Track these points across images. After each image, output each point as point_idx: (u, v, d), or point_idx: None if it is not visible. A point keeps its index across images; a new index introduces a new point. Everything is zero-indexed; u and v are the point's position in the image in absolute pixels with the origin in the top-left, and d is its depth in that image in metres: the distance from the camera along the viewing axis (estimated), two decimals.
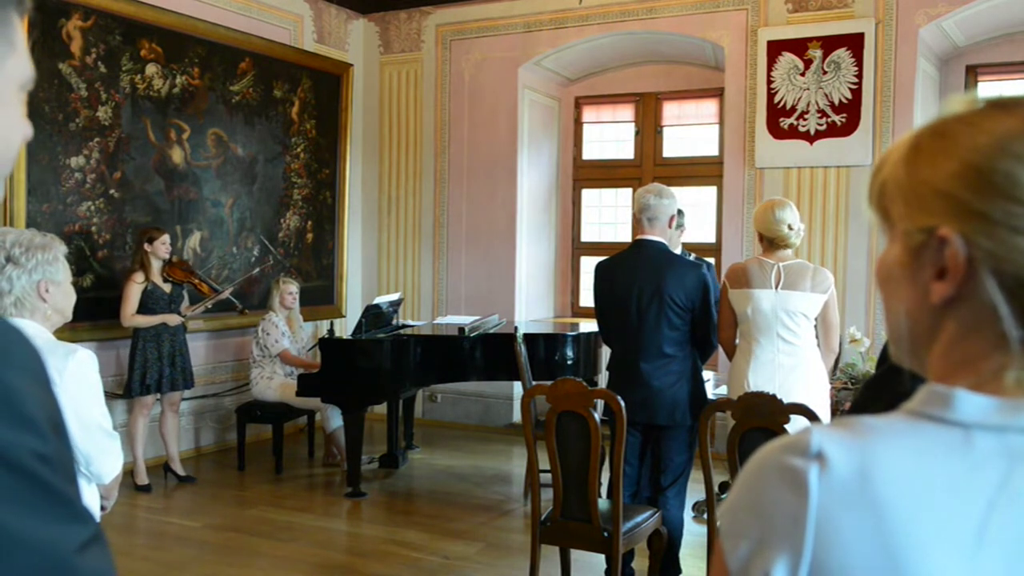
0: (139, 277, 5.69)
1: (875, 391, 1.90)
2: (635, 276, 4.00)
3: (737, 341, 4.08)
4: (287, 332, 6.44)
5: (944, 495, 0.69)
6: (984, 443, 0.70)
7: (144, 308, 5.70)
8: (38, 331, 2.21)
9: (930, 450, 0.71)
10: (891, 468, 0.70)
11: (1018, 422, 0.69)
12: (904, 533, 0.68)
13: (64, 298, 2.28)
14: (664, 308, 3.94)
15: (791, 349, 3.85)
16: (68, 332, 5.46)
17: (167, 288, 5.82)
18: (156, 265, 5.77)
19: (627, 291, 4.01)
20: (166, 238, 5.82)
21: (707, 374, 5.13)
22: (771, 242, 3.91)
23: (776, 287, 3.85)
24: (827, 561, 0.69)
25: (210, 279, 6.34)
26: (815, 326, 3.92)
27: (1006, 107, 0.74)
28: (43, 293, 2.21)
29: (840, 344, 5.41)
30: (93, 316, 5.85)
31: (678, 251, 4.70)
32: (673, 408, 3.95)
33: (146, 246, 5.73)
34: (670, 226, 4.08)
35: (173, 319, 5.80)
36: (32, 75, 0.84)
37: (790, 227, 3.88)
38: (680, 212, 4.34)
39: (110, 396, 5.89)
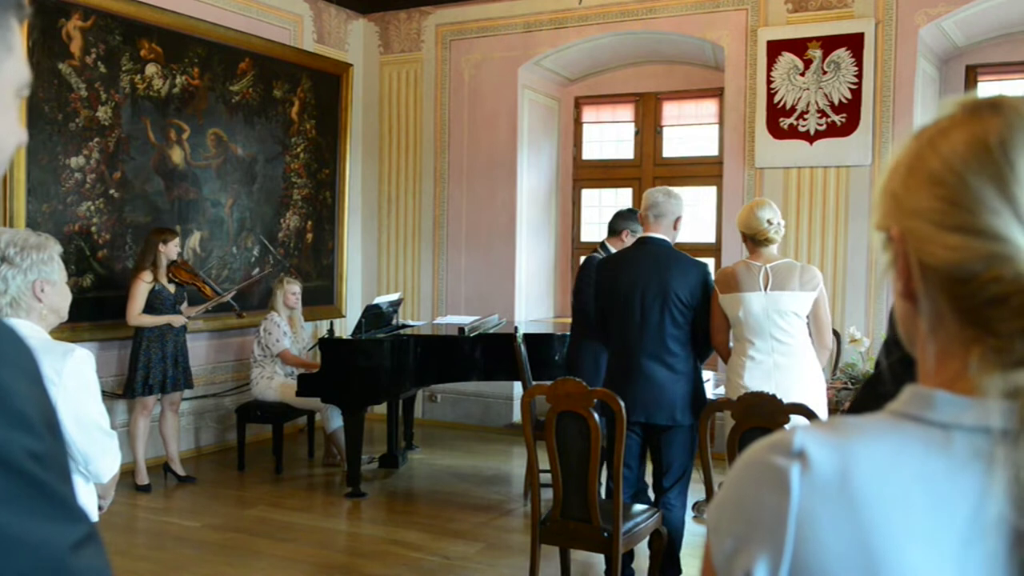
0: (147, 276, 5.71)
1: (872, 389, 1.90)
2: (639, 273, 4.01)
3: (731, 344, 4.09)
4: (288, 332, 6.45)
5: (923, 495, 0.70)
6: (962, 443, 0.70)
7: (149, 308, 5.72)
8: (34, 331, 2.21)
9: (910, 450, 0.72)
10: (870, 467, 0.71)
11: (988, 423, 0.70)
12: (882, 532, 0.69)
13: (60, 298, 2.28)
14: (668, 305, 3.94)
15: (785, 349, 3.85)
16: (69, 332, 5.48)
17: (171, 289, 5.84)
18: (164, 265, 5.80)
19: (631, 288, 4.02)
20: (177, 240, 5.90)
21: (707, 374, 5.13)
22: (753, 240, 3.95)
23: (765, 288, 3.86)
24: (807, 559, 0.70)
25: (212, 281, 6.34)
26: (808, 324, 3.92)
27: (966, 113, 0.75)
28: (38, 293, 2.21)
29: (839, 343, 5.42)
30: (95, 316, 5.87)
31: None
32: (673, 407, 3.95)
33: (161, 247, 5.76)
34: (675, 227, 4.09)
35: (178, 319, 5.82)
36: (28, 80, 0.84)
37: (769, 222, 3.91)
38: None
39: (111, 396, 5.91)
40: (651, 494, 4.25)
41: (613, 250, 4.89)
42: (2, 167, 0.83)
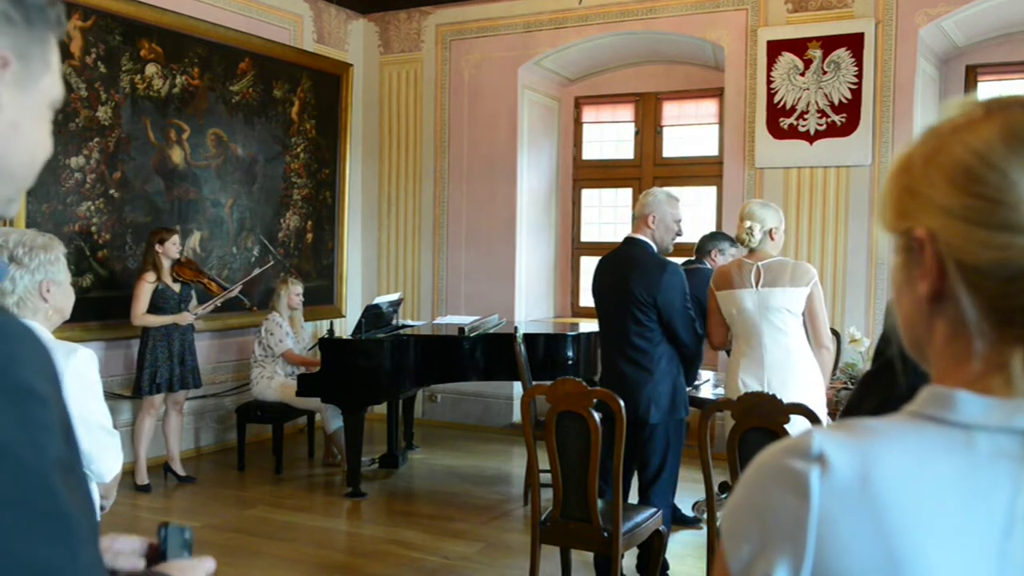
0: (150, 277, 5.72)
1: (869, 386, 1.90)
2: (612, 272, 4.13)
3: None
4: (290, 332, 6.45)
5: (947, 497, 0.69)
6: (985, 444, 0.70)
7: (154, 308, 5.73)
8: (39, 331, 2.22)
9: (931, 451, 0.71)
10: (892, 470, 0.70)
11: (1016, 424, 0.69)
12: (905, 535, 0.68)
13: (64, 298, 2.29)
14: (629, 303, 4.00)
15: (779, 347, 3.86)
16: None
17: (176, 288, 5.84)
18: (166, 265, 5.80)
19: (605, 287, 4.16)
20: (176, 238, 5.88)
21: (707, 374, 5.14)
22: (739, 240, 4.00)
23: (757, 286, 3.87)
24: (828, 564, 0.69)
25: (218, 278, 6.34)
26: (804, 324, 3.93)
27: (991, 110, 0.74)
28: (44, 293, 2.22)
29: (839, 343, 5.42)
30: (103, 315, 5.90)
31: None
32: (637, 403, 3.94)
33: (157, 247, 5.76)
34: (648, 225, 4.09)
35: (184, 318, 5.83)
36: (62, 96, 0.88)
37: (741, 220, 3.96)
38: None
39: (119, 396, 5.93)
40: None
41: (708, 265, 5.21)
42: (31, 179, 0.87)
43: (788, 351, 3.86)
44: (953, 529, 0.68)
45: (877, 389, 1.76)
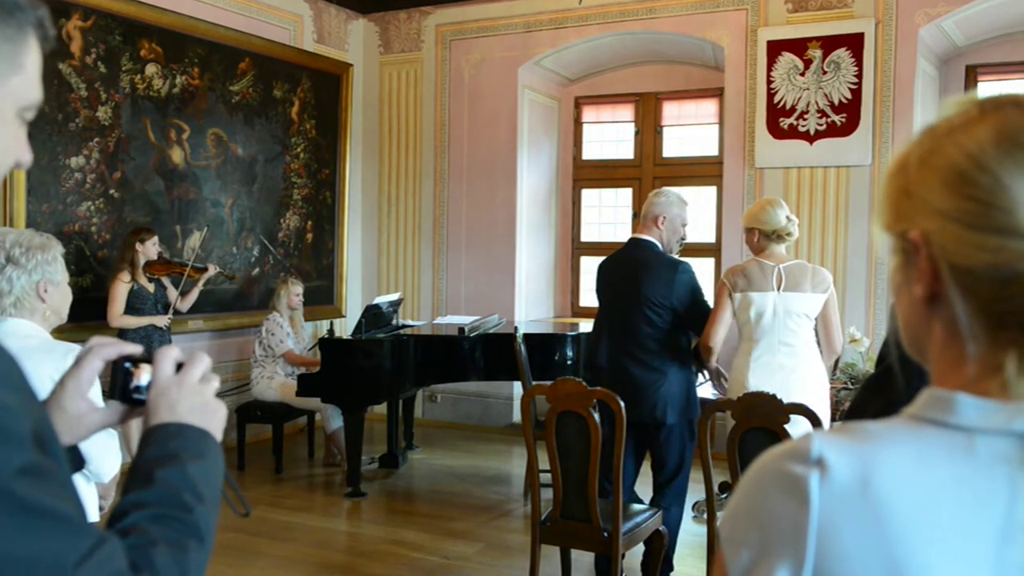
0: (126, 277, 5.62)
1: (873, 390, 1.90)
2: (619, 273, 4.09)
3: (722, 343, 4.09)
4: (291, 332, 6.44)
5: (949, 501, 0.68)
6: (986, 447, 0.69)
7: (131, 309, 5.64)
8: (36, 331, 2.22)
9: (932, 455, 0.70)
10: (893, 474, 0.70)
11: (1015, 427, 0.69)
12: (906, 539, 0.68)
13: (62, 299, 2.29)
14: (641, 306, 3.97)
15: (790, 350, 3.85)
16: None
17: (151, 288, 5.78)
18: (141, 265, 5.73)
19: (613, 288, 4.12)
20: (156, 239, 5.80)
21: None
22: (769, 236, 3.93)
23: (778, 289, 3.86)
24: (829, 569, 0.69)
25: (190, 259, 6.16)
26: (815, 327, 3.92)
27: (986, 110, 0.74)
28: (42, 293, 2.22)
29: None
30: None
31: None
32: (654, 406, 3.94)
33: (137, 246, 5.69)
34: (656, 225, 4.08)
35: (161, 320, 5.75)
36: (37, 102, 0.83)
37: (788, 219, 3.92)
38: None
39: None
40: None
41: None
42: None
43: (798, 354, 3.85)
44: (953, 534, 0.68)
45: (881, 392, 1.75)
